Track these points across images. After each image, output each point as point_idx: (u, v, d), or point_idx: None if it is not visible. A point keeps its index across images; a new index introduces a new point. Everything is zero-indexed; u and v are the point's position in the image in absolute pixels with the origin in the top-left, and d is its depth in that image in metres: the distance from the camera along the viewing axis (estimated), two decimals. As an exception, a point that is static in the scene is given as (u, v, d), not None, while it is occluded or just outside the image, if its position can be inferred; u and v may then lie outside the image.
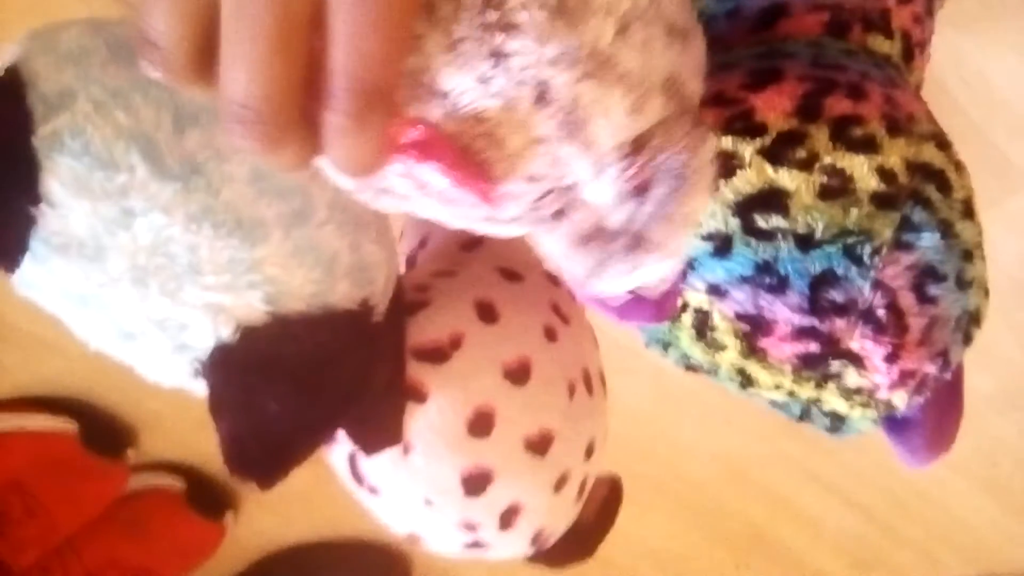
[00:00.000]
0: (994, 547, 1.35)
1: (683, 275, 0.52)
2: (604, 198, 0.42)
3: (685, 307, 0.53)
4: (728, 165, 0.49)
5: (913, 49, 0.61)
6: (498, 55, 0.37)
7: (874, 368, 0.50)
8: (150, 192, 0.51)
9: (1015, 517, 1.29)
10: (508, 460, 0.69)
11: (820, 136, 0.48)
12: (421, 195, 0.42)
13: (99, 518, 1.47)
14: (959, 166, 0.53)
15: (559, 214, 0.43)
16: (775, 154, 0.48)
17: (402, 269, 0.85)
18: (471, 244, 0.80)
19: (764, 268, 0.49)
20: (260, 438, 0.58)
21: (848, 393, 0.52)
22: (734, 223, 0.49)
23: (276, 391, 0.58)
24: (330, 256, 0.58)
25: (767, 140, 0.49)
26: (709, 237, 0.49)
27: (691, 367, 0.57)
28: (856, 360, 0.51)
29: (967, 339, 0.55)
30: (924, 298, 0.50)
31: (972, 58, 0.84)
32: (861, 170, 0.48)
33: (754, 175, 0.48)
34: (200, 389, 0.59)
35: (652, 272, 0.43)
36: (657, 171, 0.42)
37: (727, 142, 0.49)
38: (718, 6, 0.64)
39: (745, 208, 0.48)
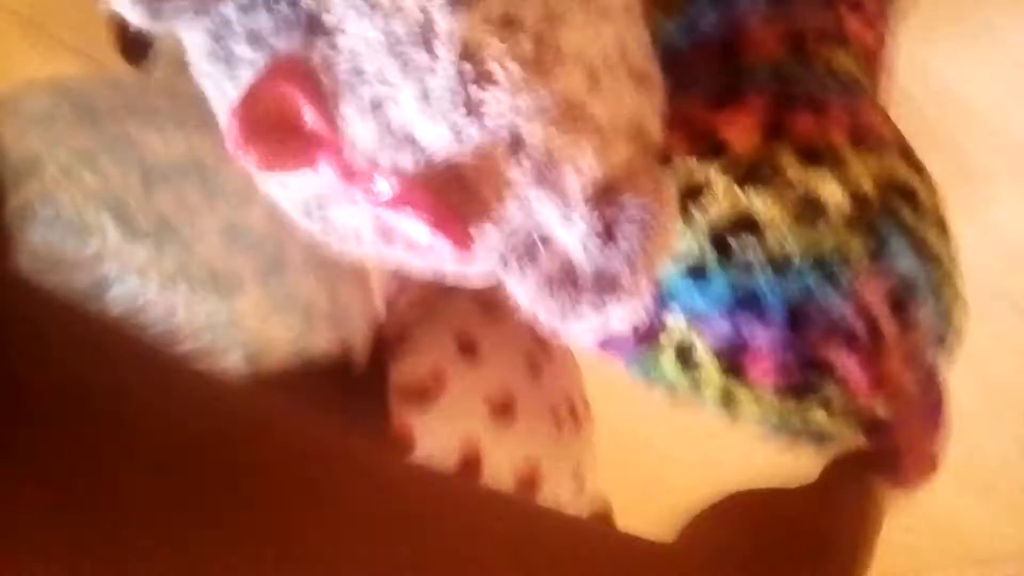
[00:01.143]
0: (972, 536, 1.35)
1: (661, 305, 0.51)
2: (572, 242, 0.42)
3: (665, 335, 0.52)
4: (699, 192, 0.49)
5: (871, 55, 0.61)
6: (473, 106, 0.37)
7: (855, 384, 0.50)
8: (124, 256, 0.50)
9: (992, 507, 1.29)
10: (499, 498, 0.69)
11: (787, 156, 0.48)
12: (388, 244, 0.41)
13: None
14: (928, 180, 0.53)
15: (529, 259, 0.43)
16: (746, 179, 0.48)
17: (382, 311, 0.84)
18: (451, 287, 0.79)
19: (742, 294, 0.49)
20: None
21: (831, 408, 0.52)
22: (709, 250, 0.48)
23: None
24: (308, 304, 0.58)
25: (736, 165, 0.49)
26: (685, 265, 0.49)
27: (673, 391, 0.57)
28: (837, 377, 0.50)
29: (947, 353, 0.54)
30: (903, 314, 0.50)
31: (938, 70, 0.85)
32: (832, 189, 0.48)
33: (726, 201, 0.48)
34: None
35: (621, 316, 0.43)
36: (624, 215, 0.42)
37: (697, 167, 0.49)
38: (676, 29, 0.64)
39: (719, 235, 0.48)
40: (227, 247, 0.54)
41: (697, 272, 0.49)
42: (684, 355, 0.52)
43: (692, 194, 0.48)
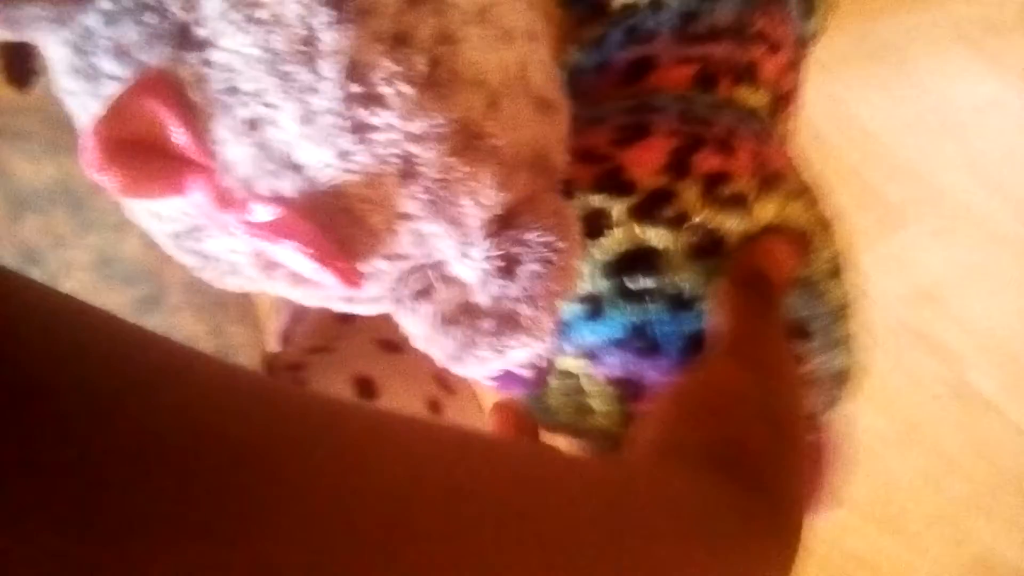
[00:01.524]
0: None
1: (556, 340, 0.49)
2: (470, 277, 0.40)
3: (553, 370, 0.50)
4: (597, 224, 0.46)
5: (780, 101, 0.61)
6: (360, 129, 0.34)
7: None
8: (-17, 286, 0.47)
9: (910, 551, 1.31)
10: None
11: (690, 194, 0.47)
12: (270, 276, 0.38)
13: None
14: (825, 223, 0.52)
15: (422, 294, 0.41)
16: (644, 212, 0.46)
17: (277, 347, 0.81)
18: (349, 316, 0.76)
19: (635, 331, 0.46)
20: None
21: None
22: (604, 285, 0.47)
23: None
24: (187, 342, 0.54)
25: (636, 198, 0.47)
26: (581, 300, 0.47)
27: (559, 428, 0.55)
28: None
29: (835, 399, 0.53)
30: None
31: (845, 101, 0.85)
32: (731, 226, 0.47)
33: (623, 235, 0.46)
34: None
35: (519, 354, 0.41)
36: (525, 250, 0.39)
37: (596, 200, 0.47)
38: (587, 59, 0.62)
39: (615, 269, 0.46)
40: (98, 280, 0.50)
41: (593, 309, 0.47)
42: (572, 392, 0.50)
43: (590, 227, 0.46)
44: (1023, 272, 0.95)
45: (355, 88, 0.33)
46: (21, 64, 0.46)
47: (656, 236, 0.46)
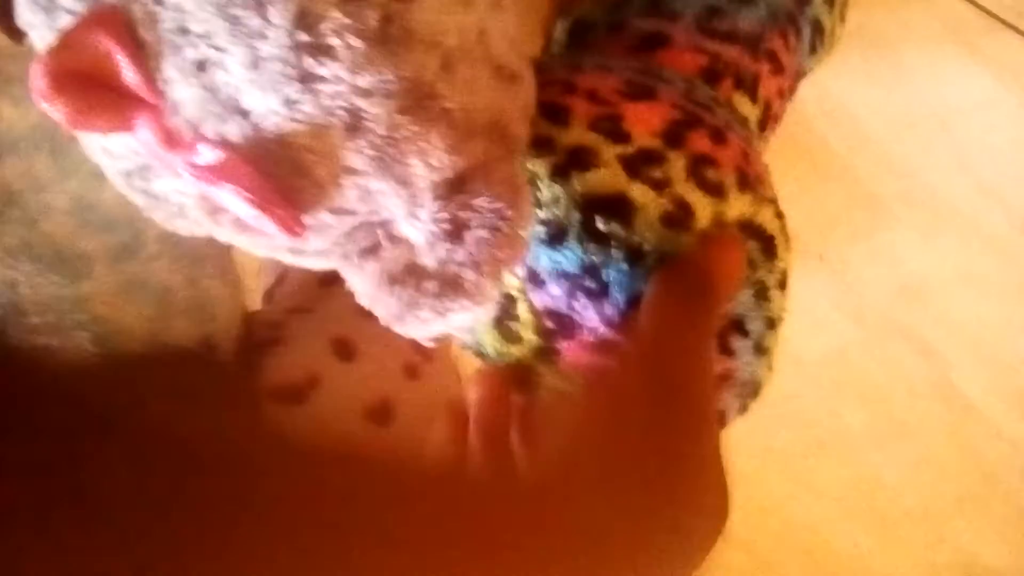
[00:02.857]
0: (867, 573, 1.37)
1: None
2: (416, 238, 0.40)
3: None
4: (585, 159, 0.47)
5: (768, 120, 0.62)
6: (307, 79, 0.35)
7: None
8: (-37, 225, 0.48)
9: (891, 549, 1.31)
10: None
11: (678, 165, 0.48)
12: (216, 220, 0.39)
13: None
14: (787, 239, 0.53)
15: (369, 251, 0.41)
16: (634, 166, 0.47)
17: (259, 305, 0.82)
18: (330, 279, 0.77)
19: (589, 270, 0.47)
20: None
21: None
22: (575, 217, 0.47)
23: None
24: (163, 292, 0.55)
25: (629, 149, 0.48)
26: (544, 223, 0.48)
27: (480, 354, 0.56)
28: None
29: (745, 407, 0.54)
30: (725, 348, 0.50)
31: (837, 95, 0.86)
32: (703, 210, 0.48)
33: (608, 177, 0.47)
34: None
35: (461, 319, 0.42)
36: (474, 216, 0.40)
37: (589, 137, 0.48)
38: (602, 17, 0.63)
39: (590, 206, 0.47)
40: (76, 226, 0.51)
41: (555, 236, 0.48)
42: (504, 316, 0.51)
43: (578, 160, 0.47)
44: (1011, 274, 0.95)
45: (303, 37, 0.34)
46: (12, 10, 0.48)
47: (638, 191, 0.47)
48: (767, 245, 0.50)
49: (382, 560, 0.23)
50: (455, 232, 0.40)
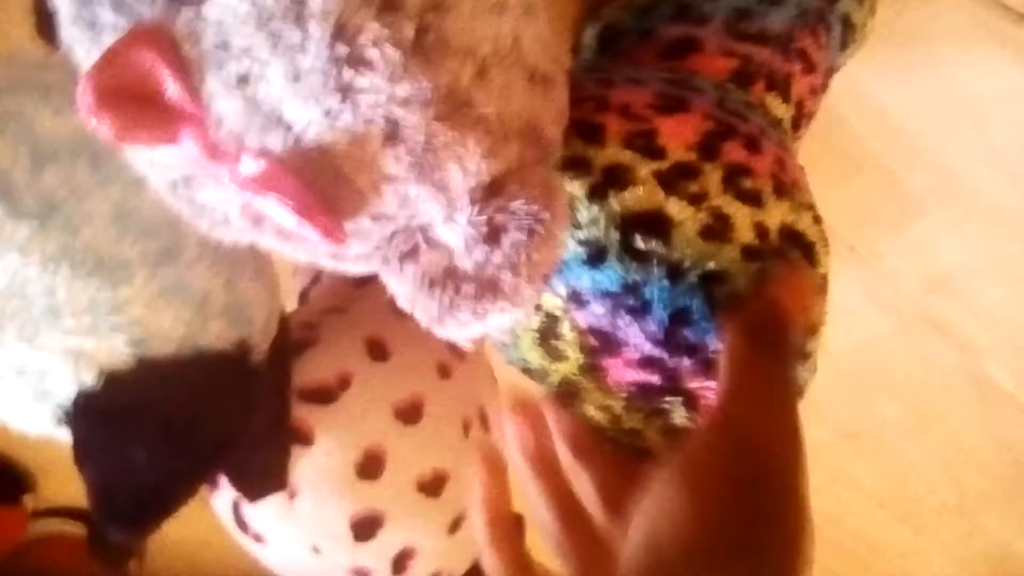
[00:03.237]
0: (902, 569, 1.36)
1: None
2: (455, 242, 0.41)
3: (536, 308, 0.52)
4: (621, 178, 0.48)
5: (802, 119, 0.62)
6: (346, 90, 0.36)
7: (705, 411, 0.50)
8: (6, 232, 0.49)
9: (922, 540, 1.31)
10: (399, 503, 0.67)
11: (714, 177, 0.48)
12: (259, 228, 0.40)
13: (1, 567, 1.42)
14: (827, 244, 0.53)
15: (408, 255, 0.42)
16: (669, 181, 0.48)
17: (294, 306, 0.83)
18: (364, 280, 0.78)
19: (631, 288, 0.48)
20: (129, 488, 0.56)
21: (671, 432, 0.52)
22: (614, 236, 0.48)
23: (144, 438, 0.55)
24: (202, 295, 0.56)
25: (664, 165, 0.48)
26: (585, 243, 0.48)
27: (526, 370, 0.56)
28: (690, 401, 0.50)
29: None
30: None
31: (868, 87, 0.85)
32: (743, 220, 0.48)
33: (644, 194, 0.48)
34: (66, 436, 0.56)
35: (499, 320, 0.42)
36: (510, 219, 0.40)
37: (625, 155, 0.49)
38: (633, 23, 0.64)
39: (628, 225, 0.48)
40: (116, 232, 0.52)
41: (595, 255, 0.48)
42: (549, 334, 0.51)
43: (614, 179, 0.48)
44: (1043, 265, 0.95)
45: (342, 49, 0.35)
46: (51, 20, 0.48)
47: (675, 206, 0.47)
48: (808, 252, 0.51)
49: None
50: (492, 235, 0.41)
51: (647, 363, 0.49)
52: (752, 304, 0.46)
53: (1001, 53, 0.79)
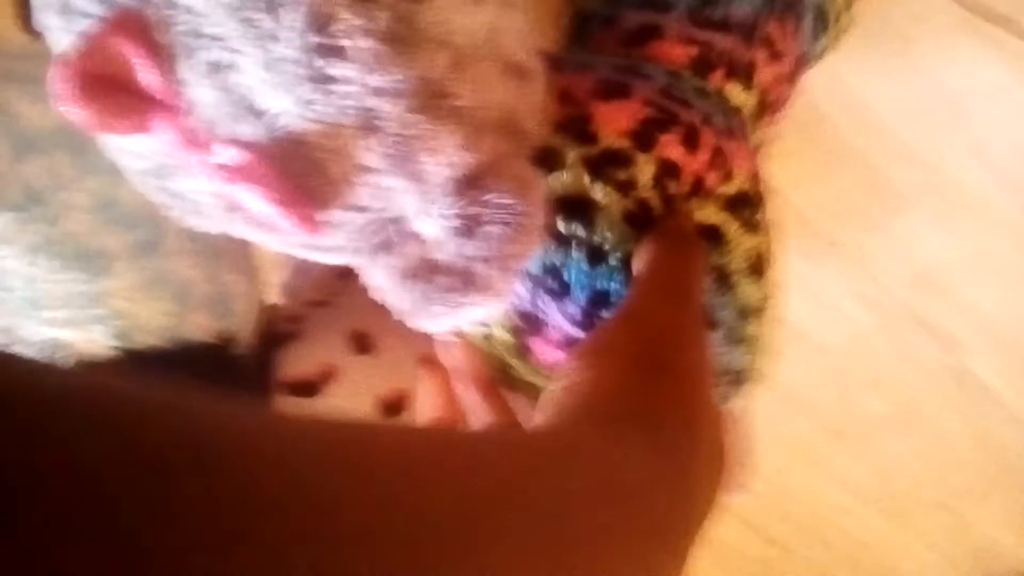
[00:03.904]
0: (887, 565, 1.37)
1: None
2: (431, 233, 0.41)
3: None
4: (547, 162, 0.48)
5: (767, 107, 0.62)
6: (320, 80, 0.36)
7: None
8: (-14, 223, 0.49)
9: (907, 535, 1.31)
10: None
11: (646, 170, 0.48)
12: (232, 217, 0.40)
13: None
14: (752, 225, 0.53)
15: (384, 246, 0.42)
16: (597, 166, 0.48)
17: (279, 299, 0.83)
18: (349, 272, 0.78)
19: (550, 271, 0.48)
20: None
21: None
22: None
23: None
24: (183, 287, 0.56)
25: (593, 151, 0.48)
26: None
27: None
28: None
29: (727, 396, 0.54)
30: None
31: (851, 83, 0.86)
32: (664, 211, 0.49)
33: (570, 179, 0.48)
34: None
35: (473, 313, 0.42)
36: (485, 211, 0.41)
37: (554, 140, 0.49)
38: (599, 9, 0.64)
39: (552, 208, 0.48)
40: (97, 223, 0.52)
41: None
42: None
43: (542, 163, 0.48)
44: (1026, 261, 0.95)
45: (315, 39, 0.35)
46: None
47: (601, 191, 0.48)
48: (719, 241, 0.51)
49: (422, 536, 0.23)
50: (468, 228, 0.41)
51: (569, 343, 0.49)
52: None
53: (983, 51, 0.79)
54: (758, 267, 0.52)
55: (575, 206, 0.47)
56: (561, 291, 0.48)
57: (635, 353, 0.41)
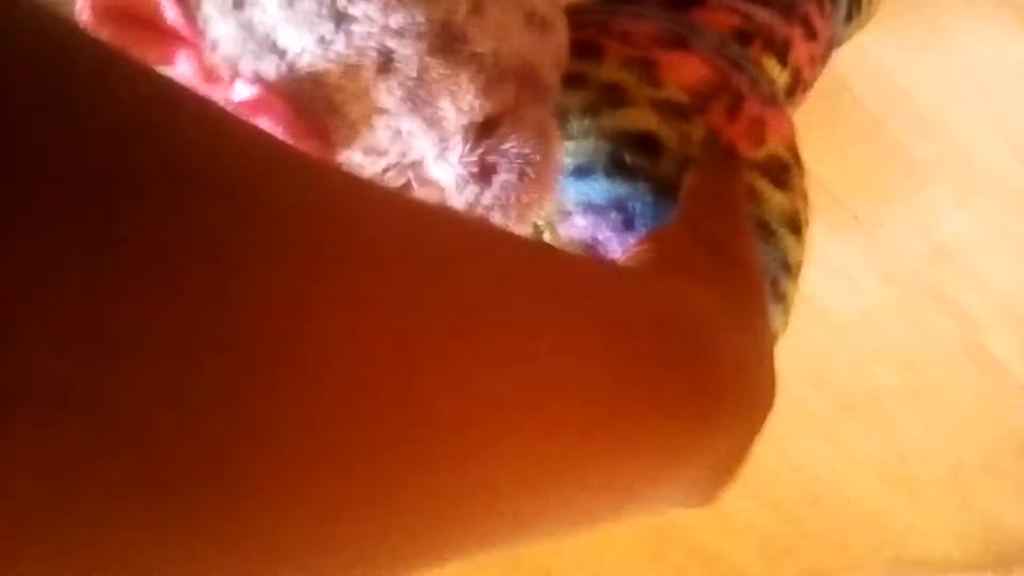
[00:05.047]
0: (896, 537, 1.37)
1: None
2: (445, 180, 0.41)
3: None
4: (618, 97, 0.48)
5: (798, 86, 0.62)
6: (340, 18, 0.36)
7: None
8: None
9: (917, 508, 1.31)
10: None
11: (696, 131, 0.49)
12: None
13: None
14: (781, 183, 0.53)
15: (401, 191, 0.43)
16: (663, 110, 0.49)
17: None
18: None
19: (616, 202, 0.48)
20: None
21: None
22: (604, 151, 0.48)
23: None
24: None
25: (661, 94, 0.49)
26: (572, 155, 0.49)
27: None
28: None
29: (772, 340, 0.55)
30: None
31: (873, 53, 0.85)
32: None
33: (639, 115, 0.48)
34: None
35: None
36: (502, 159, 0.41)
37: (622, 75, 0.49)
38: None
39: (620, 141, 0.48)
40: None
41: (583, 168, 0.49)
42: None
43: (610, 97, 0.48)
44: (1044, 238, 0.95)
45: (337, -23, 0.36)
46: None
47: (666, 132, 0.48)
48: (758, 201, 0.51)
49: None
50: (483, 175, 0.41)
51: None
52: (704, 151, 0.49)
53: (1007, 23, 0.79)
54: (796, 224, 0.52)
55: (645, 142, 0.48)
56: (624, 223, 0.48)
57: (695, 238, 0.41)
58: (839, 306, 1.08)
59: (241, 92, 0.37)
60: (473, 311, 0.22)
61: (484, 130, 0.42)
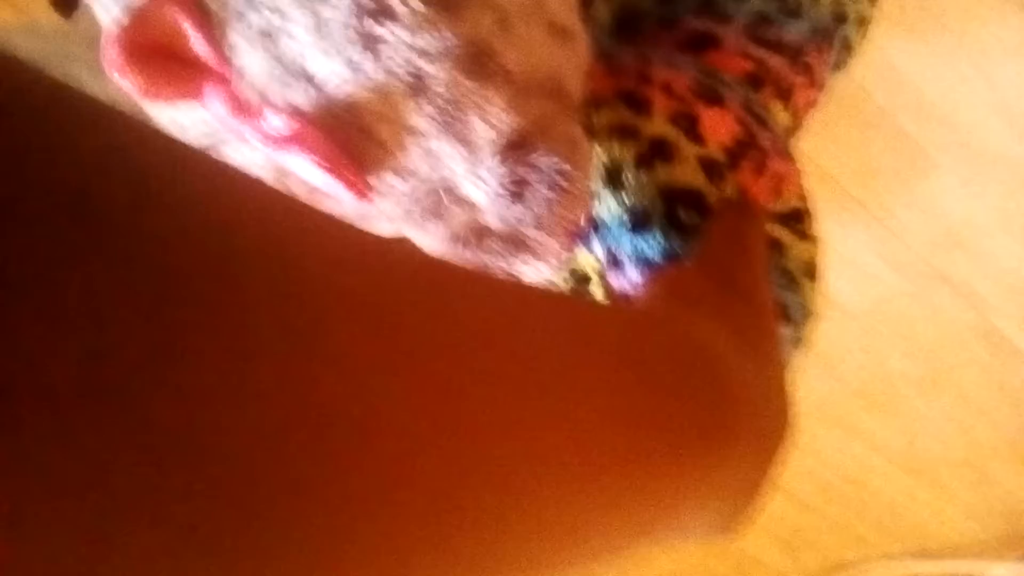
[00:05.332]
0: (916, 524, 1.37)
1: (587, 235, 0.51)
2: (478, 197, 0.41)
3: (565, 268, 0.52)
4: (668, 151, 0.48)
5: (795, 130, 0.63)
6: (369, 41, 0.36)
7: None
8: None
9: (935, 494, 1.31)
10: None
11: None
12: (283, 184, 0.40)
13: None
14: (800, 233, 0.55)
15: (434, 211, 0.42)
16: (708, 168, 0.49)
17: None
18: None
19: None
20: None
21: None
22: (659, 205, 0.49)
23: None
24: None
25: (704, 152, 0.49)
26: (629, 209, 0.49)
27: None
28: None
29: (795, 354, 0.55)
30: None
31: (890, 57, 0.85)
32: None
33: (689, 172, 0.48)
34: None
35: (528, 274, 0.42)
36: (533, 173, 0.40)
37: (671, 132, 0.49)
38: (653, 8, 0.64)
39: (674, 196, 0.48)
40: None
41: (638, 222, 0.49)
42: (575, 289, 0.53)
43: (660, 151, 0.48)
44: (1054, 220, 0.95)
45: (364, 0, 0.35)
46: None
47: (710, 191, 0.48)
48: (780, 250, 0.53)
49: None
50: (516, 190, 0.41)
51: None
52: (727, 202, 0.49)
53: (1011, 9, 0.79)
54: (812, 272, 0.53)
55: (695, 200, 0.48)
56: None
57: (706, 274, 0.42)
58: (851, 296, 1.08)
59: (273, 122, 0.36)
60: (525, 376, 0.23)
61: (514, 144, 0.41)
